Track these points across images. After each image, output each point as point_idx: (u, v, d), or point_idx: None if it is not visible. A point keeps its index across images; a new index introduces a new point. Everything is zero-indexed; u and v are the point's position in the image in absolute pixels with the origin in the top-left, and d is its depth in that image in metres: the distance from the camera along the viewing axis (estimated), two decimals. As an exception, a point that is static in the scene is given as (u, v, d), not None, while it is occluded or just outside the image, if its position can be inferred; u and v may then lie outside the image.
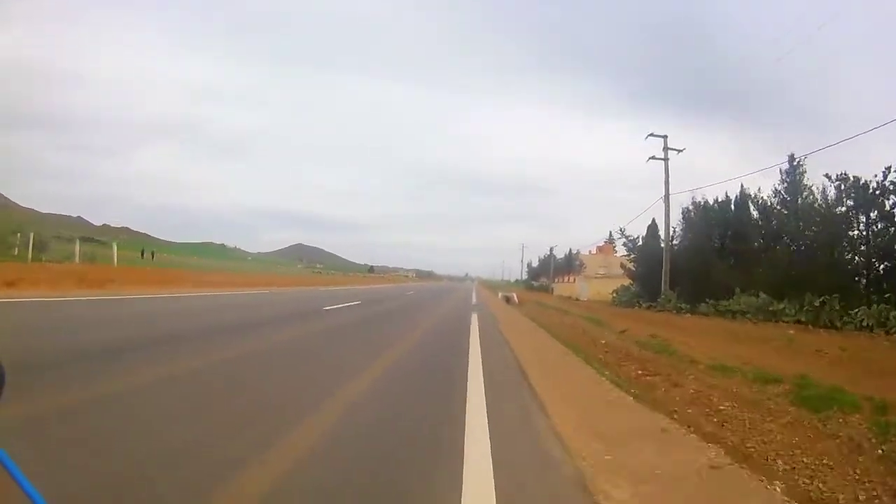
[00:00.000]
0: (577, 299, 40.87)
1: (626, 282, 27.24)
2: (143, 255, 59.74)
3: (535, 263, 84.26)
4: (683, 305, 18.53)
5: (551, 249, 66.12)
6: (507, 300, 34.71)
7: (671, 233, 22.01)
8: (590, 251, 66.84)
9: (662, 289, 21.10)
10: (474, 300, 23.93)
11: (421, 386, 4.35)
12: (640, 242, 25.07)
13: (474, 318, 12.33)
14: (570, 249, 61.16)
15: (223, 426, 2.71)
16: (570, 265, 59.95)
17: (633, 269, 24.97)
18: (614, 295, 25.99)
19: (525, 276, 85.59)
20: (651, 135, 23.05)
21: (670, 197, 22.45)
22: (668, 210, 22.13)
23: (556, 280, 60.65)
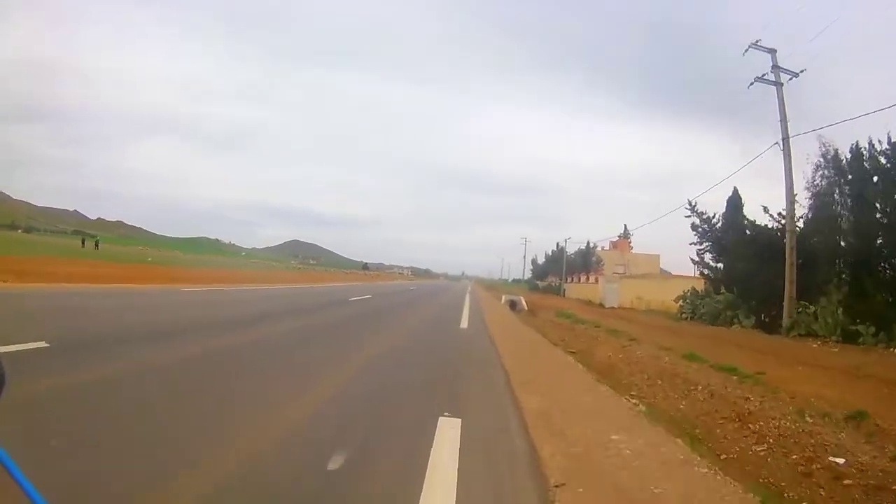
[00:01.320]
0: (602, 305, 32.09)
1: (684, 284, 18.55)
2: (83, 244, 51.83)
3: (538, 261, 74.34)
4: (861, 328, 9.62)
5: (564, 243, 56.24)
6: (513, 306, 25.94)
7: (793, 199, 13.13)
8: (602, 247, 57.51)
9: (787, 297, 12.23)
10: (464, 323, 11.18)
11: None
12: (720, 222, 16.19)
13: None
14: (588, 242, 51.71)
15: None
16: (585, 263, 50.85)
17: (713, 263, 16.06)
18: (682, 304, 16.91)
19: (529, 275, 75.73)
20: (755, 44, 14.20)
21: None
22: (790, 162, 13.22)
23: (568, 280, 51.49)
